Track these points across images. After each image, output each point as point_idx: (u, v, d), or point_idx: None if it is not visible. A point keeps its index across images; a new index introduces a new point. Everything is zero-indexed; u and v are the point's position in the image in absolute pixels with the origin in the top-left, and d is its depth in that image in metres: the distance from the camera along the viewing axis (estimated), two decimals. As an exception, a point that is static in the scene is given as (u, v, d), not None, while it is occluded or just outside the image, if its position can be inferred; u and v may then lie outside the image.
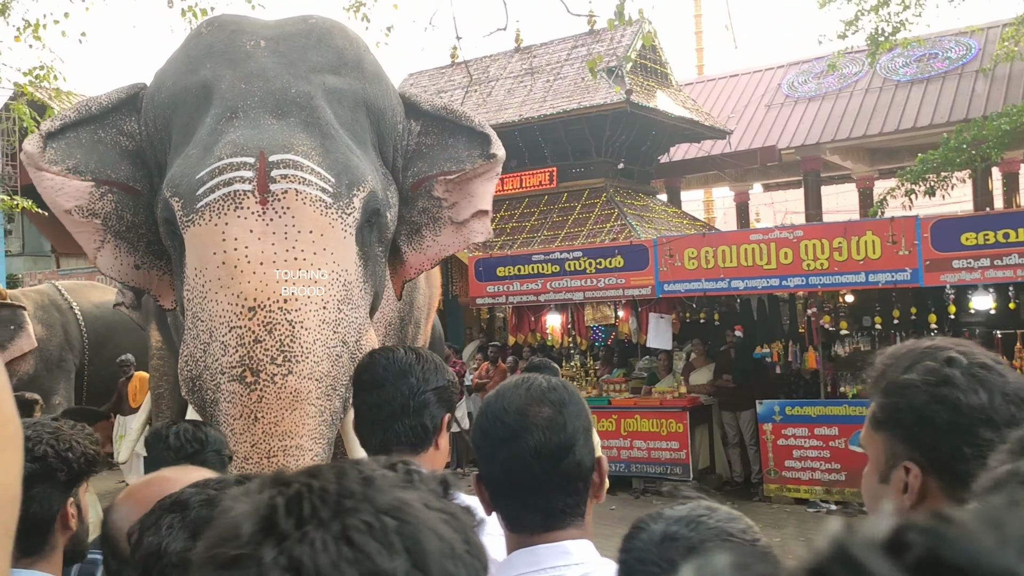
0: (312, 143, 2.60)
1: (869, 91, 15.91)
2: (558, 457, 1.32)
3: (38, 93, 10.75)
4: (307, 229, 2.51)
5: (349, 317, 2.59)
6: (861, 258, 7.92)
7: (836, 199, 20.42)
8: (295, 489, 0.60)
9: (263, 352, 2.43)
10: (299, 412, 2.44)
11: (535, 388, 1.37)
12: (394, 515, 0.59)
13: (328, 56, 2.83)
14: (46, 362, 8.00)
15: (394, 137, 2.98)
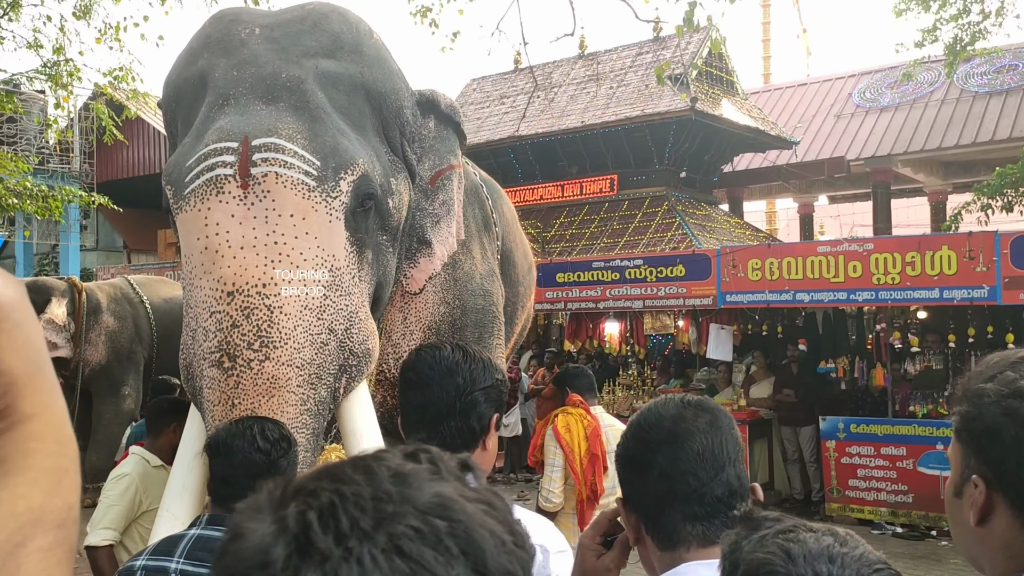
0: (299, 126, 2.54)
1: (945, 102, 15.46)
2: (720, 463, 1.28)
3: (116, 94, 11.11)
4: (288, 213, 2.45)
5: (337, 304, 2.51)
6: (935, 273, 7.66)
7: (907, 213, 19.88)
8: (325, 499, 0.54)
9: (240, 337, 2.37)
10: (277, 399, 2.37)
11: (689, 399, 1.37)
12: (442, 515, 0.54)
13: (323, 40, 2.76)
14: (117, 353, 8.23)
15: (400, 122, 2.92)
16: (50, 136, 16.23)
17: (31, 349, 0.59)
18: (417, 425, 1.70)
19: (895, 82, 16.14)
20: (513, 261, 4.38)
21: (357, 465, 0.57)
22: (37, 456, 0.58)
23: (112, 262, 18.27)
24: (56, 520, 0.57)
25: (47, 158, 17.34)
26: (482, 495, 0.59)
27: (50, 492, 0.57)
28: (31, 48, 10.66)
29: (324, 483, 0.56)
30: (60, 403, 0.61)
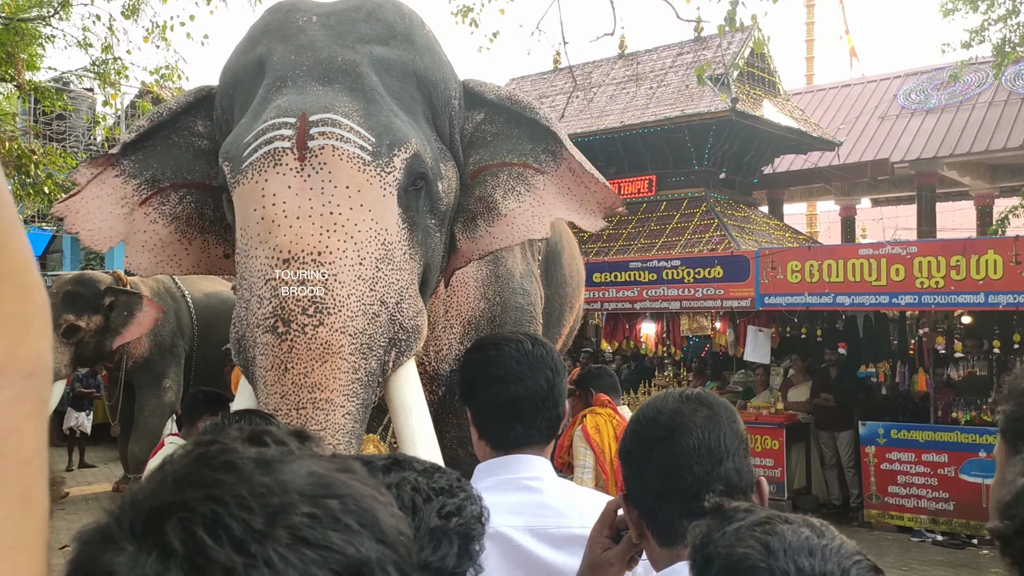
0: (354, 105, 2.59)
1: (993, 104, 15.14)
2: (718, 457, 1.27)
3: (162, 92, 11.32)
4: (343, 184, 2.48)
5: (389, 277, 2.52)
6: (981, 278, 7.51)
7: (952, 216, 19.49)
8: (205, 509, 0.49)
9: (295, 303, 2.38)
10: (330, 365, 2.38)
11: (688, 393, 1.36)
12: (329, 494, 0.52)
13: (377, 28, 2.82)
14: (159, 346, 8.40)
15: (449, 111, 2.94)
16: (98, 133, 16.57)
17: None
18: (508, 419, 1.70)
19: (941, 83, 15.85)
20: (560, 262, 4.37)
21: (215, 465, 0.53)
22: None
23: (156, 257, 18.59)
24: (23, 369, 0.50)
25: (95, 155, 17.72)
26: (337, 462, 0.56)
27: (14, 340, 0.50)
28: (80, 47, 10.91)
29: (190, 493, 0.50)
30: (22, 245, 0.54)
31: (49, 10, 10.65)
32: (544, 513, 1.64)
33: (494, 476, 1.66)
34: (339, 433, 2.36)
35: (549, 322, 4.17)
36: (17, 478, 0.47)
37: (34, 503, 0.48)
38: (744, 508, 0.98)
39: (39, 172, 9.92)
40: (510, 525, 1.60)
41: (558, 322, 4.39)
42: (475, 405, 1.77)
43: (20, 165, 9.94)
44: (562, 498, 1.67)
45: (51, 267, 19.83)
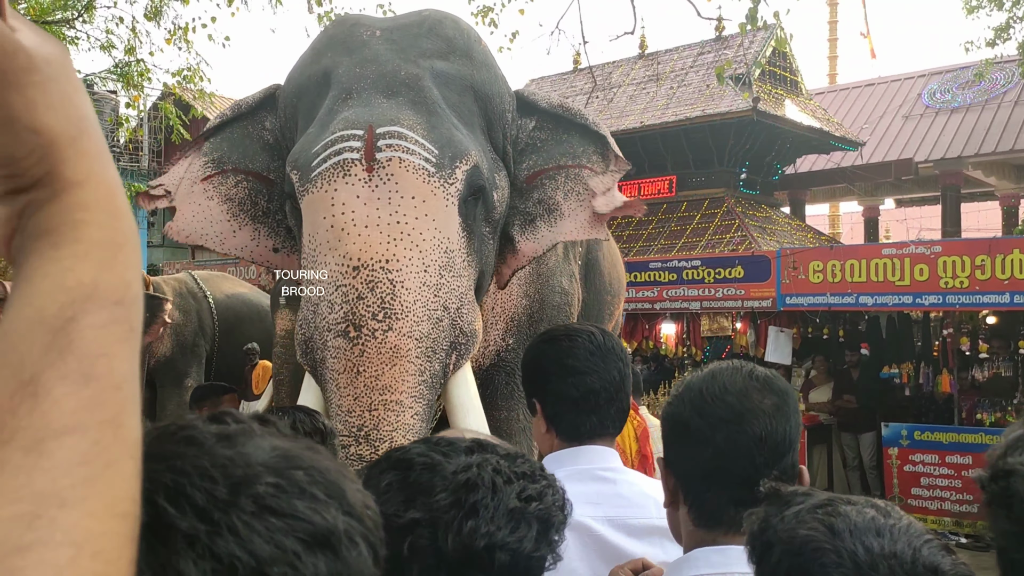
0: (418, 118, 2.71)
1: (1019, 103, 14.94)
2: (782, 451, 1.22)
3: (184, 94, 11.40)
4: (409, 195, 2.60)
5: (451, 284, 2.65)
6: (1006, 278, 7.41)
7: (977, 217, 19.26)
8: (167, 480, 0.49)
9: (365, 308, 2.51)
10: (399, 368, 2.51)
11: (758, 373, 1.29)
12: (294, 466, 0.51)
13: (437, 43, 2.95)
14: (181, 346, 8.47)
15: (503, 124, 3.05)
16: (121, 135, 16.74)
17: (71, 107, 0.52)
18: (583, 411, 1.70)
19: (966, 82, 15.67)
20: (599, 269, 4.40)
21: (175, 439, 0.53)
22: (86, 227, 0.51)
23: (177, 258, 18.77)
24: (112, 296, 0.50)
25: (118, 156, 17.92)
26: (303, 441, 0.57)
27: (103, 266, 0.51)
28: (104, 49, 11.01)
29: (151, 465, 0.50)
30: (111, 172, 0.54)
31: (73, 13, 10.77)
32: (621, 503, 1.64)
33: (566, 467, 1.64)
34: (409, 433, 2.47)
35: None
36: (107, 403, 0.47)
37: (125, 428, 0.48)
38: (802, 492, 0.95)
39: (63, 173, 10.03)
40: (589, 515, 1.60)
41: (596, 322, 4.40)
42: (547, 397, 1.74)
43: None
44: (636, 489, 1.66)
45: (75, 268, 20.06)
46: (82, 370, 0.47)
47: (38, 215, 0.51)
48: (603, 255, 4.49)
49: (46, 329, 0.47)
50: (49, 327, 0.47)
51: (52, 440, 0.44)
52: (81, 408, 0.46)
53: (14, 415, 0.44)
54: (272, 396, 6.02)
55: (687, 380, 1.33)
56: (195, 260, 16.86)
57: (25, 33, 0.51)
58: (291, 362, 5.79)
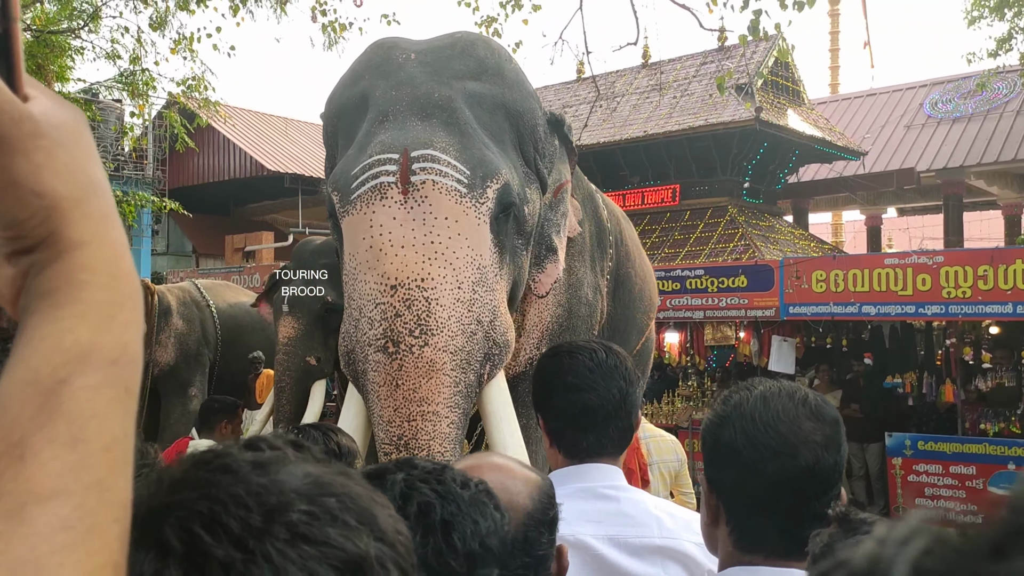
0: (451, 140, 2.82)
1: (1021, 113, 14.96)
2: (832, 483, 1.22)
3: (189, 103, 11.44)
4: (443, 216, 2.72)
5: (484, 298, 2.78)
6: (1009, 287, 7.41)
7: (979, 226, 19.27)
8: (202, 508, 0.50)
9: (403, 325, 2.65)
10: (435, 381, 2.64)
11: (810, 401, 1.27)
12: (326, 493, 0.52)
13: (469, 64, 3.05)
14: (185, 355, 8.48)
15: (534, 139, 3.16)
16: (125, 143, 16.79)
17: (78, 172, 0.53)
18: (582, 428, 1.71)
19: (968, 92, 15.69)
20: (630, 284, 4.46)
21: (211, 467, 0.54)
22: (87, 289, 0.52)
23: (181, 266, 18.80)
24: (107, 357, 0.51)
25: (122, 165, 17.95)
26: (335, 467, 0.57)
27: (100, 328, 0.51)
28: (109, 58, 11.06)
29: (186, 494, 0.51)
30: (116, 234, 0.55)
31: (79, 23, 10.82)
32: (623, 522, 1.64)
33: (571, 484, 1.65)
34: (445, 441, 2.62)
35: (613, 338, 4.22)
36: (94, 465, 0.48)
37: (112, 491, 0.48)
38: (871, 519, 0.96)
39: (68, 182, 10.05)
40: (590, 533, 1.61)
41: (623, 342, 4.39)
42: (548, 412, 1.77)
43: (50, 175, 10.09)
44: (639, 507, 1.66)
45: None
46: (71, 432, 0.47)
47: (41, 275, 0.52)
48: (635, 271, 4.54)
49: (38, 390, 0.48)
50: (42, 388, 0.48)
51: (35, 505, 0.44)
52: (67, 471, 0.46)
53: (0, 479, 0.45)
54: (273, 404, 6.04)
55: (735, 401, 1.30)
56: (199, 268, 16.89)
57: (39, 100, 0.53)
58: (293, 370, 5.83)
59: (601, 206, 4.15)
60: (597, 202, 4.11)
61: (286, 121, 20.68)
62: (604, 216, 4.13)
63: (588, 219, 3.88)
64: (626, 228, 4.60)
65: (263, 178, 18.21)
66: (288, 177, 17.77)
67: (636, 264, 4.58)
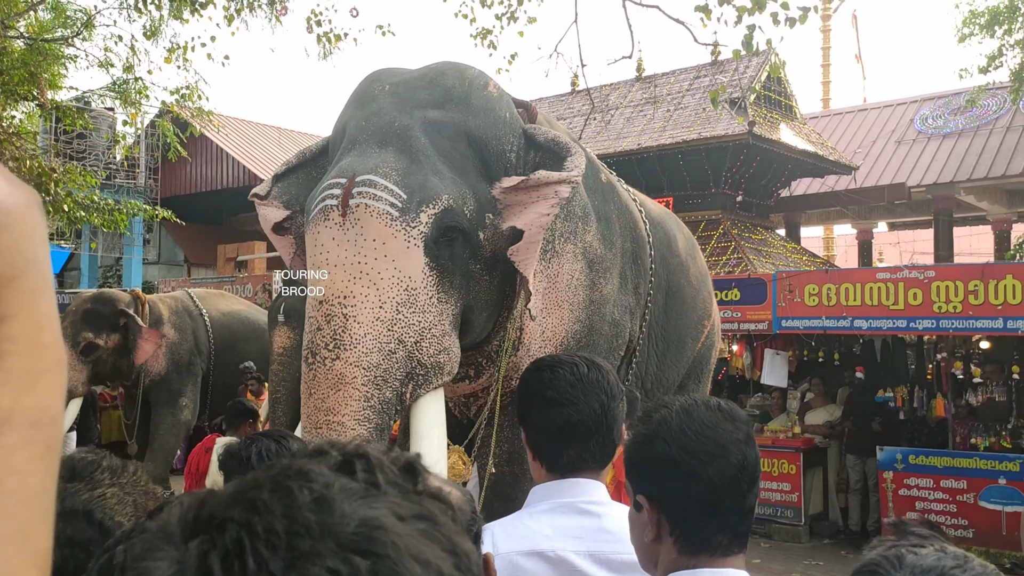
0: (398, 166, 2.92)
1: (1011, 129, 15.09)
2: (757, 474, 1.34)
3: (182, 112, 11.43)
4: (371, 238, 2.84)
5: (409, 319, 2.85)
6: (999, 303, 7.45)
7: (969, 241, 19.38)
8: (232, 535, 0.48)
9: (320, 338, 2.82)
10: (343, 393, 2.75)
11: (722, 406, 1.38)
12: (366, 550, 0.48)
13: (435, 93, 3.15)
14: (176, 364, 8.44)
15: (504, 164, 3.17)
16: (117, 152, 16.76)
17: (16, 252, 0.58)
18: (562, 442, 1.72)
19: (958, 108, 15.82)
20: (682, 295, 4.47)
21: (278, 486, 0.51)
22: (8, 358, 0.56)
23: (173, 275, 18.75)
24: (28, 419, 0.55)
25: (114, 173, 17.91)
26: (423, 509, 0.53)
27: (22, 392, 0.56)
28: (102, 66, 11.04)
29: (235, 513, 0.49)
30: (45, 308, 0.59)
31: (72, 31, 10.81)
32: (604, 538, 1.65)
33: (552, 499, 1.68)
34: None
35: (666, 353, 4.39)
36: (15, 516, 0.51)
37: (32, 539, 0.51)
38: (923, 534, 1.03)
39: (59, 190, 10.01)
40: (571, 549, 1.62)
41: (677, 351, 4.52)
42: (529, 427, 1.78)
43: (40, 184, 10.05)
44: (621, 523, 1.64)
45: (69, 284, 20.00)
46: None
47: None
48: (688, 281, 4.57)
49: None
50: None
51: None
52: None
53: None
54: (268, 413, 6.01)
55: (658, 418, 1.38)
56: (191, 278, 16.83)
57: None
58: (288, 380, 5.81)
59: (639, 222, 4.09)
60: (634, 218, 4.04)
61: (280, 131, 20.68)
62: (644, 232, 4.08)
63: (622, 236, 3.84)
64: (679, 238, 4.61)
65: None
66: (281, 187, 17.76)
67: (690, 272, 4.62)
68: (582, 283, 3.52)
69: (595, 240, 3.59)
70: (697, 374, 5.01)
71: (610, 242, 3.70)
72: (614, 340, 3.76)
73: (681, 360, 4.64)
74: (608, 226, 3.71)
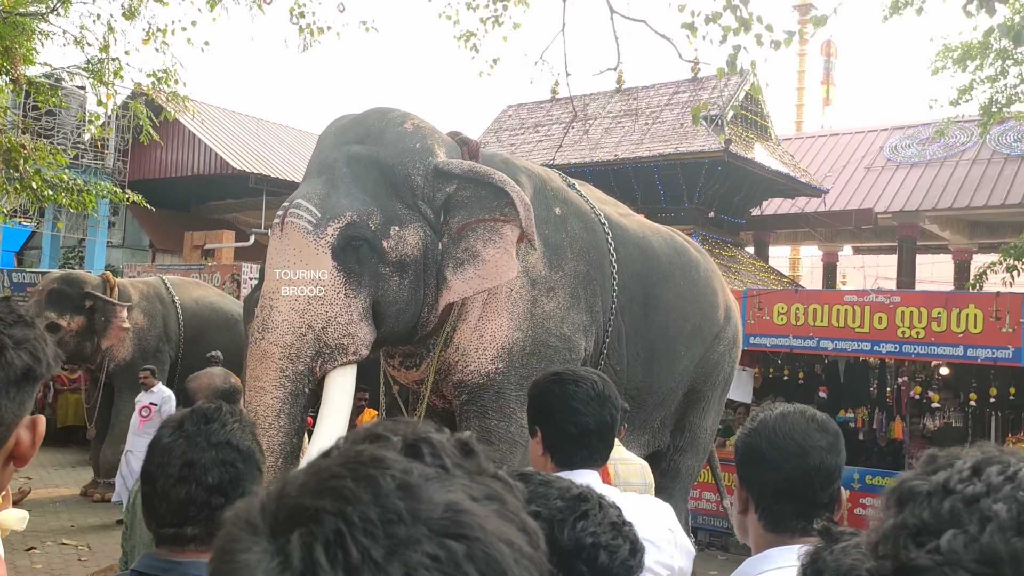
0: (321, 192, 3.76)
1: (976, 162, 15.46)
2: (833, 478, 1.64)
3: (157, 95, 11.27)
4: (292, 247, 3.70)
5: (317, 309, 3.65)
6: (961, 331, 7.64)
7: (930, 269, 19.80)
8: (330, 527, 0.49)
9: (256, 324, 3.67)
10: (264, 365, 3.61)
11: (817, 417, 1.69)
12: (458, 534, 0.49)
13: (358, 131, 3.98)
14: (143, 350, 8.31)
15: (410, 187, 3.90)
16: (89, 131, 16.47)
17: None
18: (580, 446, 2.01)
19: (927, 139, 16.17)
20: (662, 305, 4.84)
21: (359, 475, 0.52)
22: None
23: (137, 260, 18.46)
24: None
25: (82, 153, 17.58)
26: (491, 490, 0.55)
27: None
28: (77, 44, 10.85)
29: (326, 503, 0.50)
30: None
31: (48, 6, 10.60)
32: None
33: None
34: (268, 410, 3.57)
35: (652, 361, 4.76)
36: None
37: None
38: (849, 531, 1.14)
39: (27, 167, 9.82)
40: None
41: (667, 359, 4.86)
42: (550, 428, 2.04)
43: (9, 159, 9.85)
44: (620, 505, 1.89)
45: (29, 263, 19.59)
46: None
47: None
48: (674, 293, 4.92)
49: None
50: None
51: None
52: None
53: None
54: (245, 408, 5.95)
55: (761, 418, 1.72)
56: (156, 264, 16.59)
57: None
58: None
59: (602, 246, 4.55)
60: (592, 244, 4.49)
61: (257, 121, 20.46)
62: (607, 254, 4.54)
63: (574, 261, 4.35)
64: (662, 255, 4.95)
65: (228, 176, 17.98)
66: (253, 177, 17.57)
67: (677, 284, 4.96)
68: (523, 297, 4.11)
69: (538, 262, 4.18)
70: (712, 380, 5.35)
71: (557, 265, 4.25)
72: (567, 354, 4.22)
73: (674, 368, 4.93)
74: (556, 252, 4.27)
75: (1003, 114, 12.31)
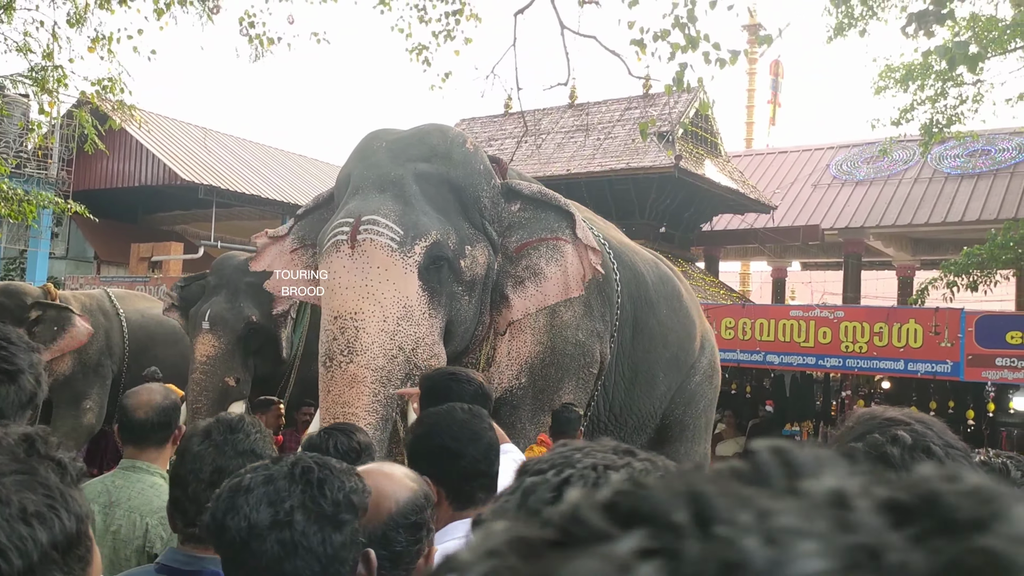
0: (395, 208, 3.62)
1: (918, 180, 15.87)
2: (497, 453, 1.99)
3: (102, 104, 11.03)
4: (376, 266, 3.52)
5: (407, 330, 3.51)
6: (902, 345, 7.81)
7: (875, 284, 20.22)
8: None
9: (336, 347, 3.46)
10: (355, 390, 3.40)
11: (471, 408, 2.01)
12: None
13: (423, 149, 3.88)
14: (83, 365, 8.04)
15: (479, 207, 3.88)
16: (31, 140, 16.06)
17: None
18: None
19: (871, 157, 16.57)
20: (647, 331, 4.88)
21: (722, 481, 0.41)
22: None
23: (81, 272, 18.01)
24: None
25: (24, 162, 17.14)
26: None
27: None
28: (20, 51, 10.58)
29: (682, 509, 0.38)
30: None
31: (-9, 12, 10.33)
32: None
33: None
34: None
35: (635, 382, 4.79)
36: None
37: None
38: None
39: (-34, 176, 9.53)
40: None
41: (647, 383, 4.89)
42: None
43: (-53, 168, 9.55)
44: None
45: (-32, 275, 19.01)
46: None
47: None
48: (657, 320, 4.96)
49: None
50: None
51: None
52: None
53: None
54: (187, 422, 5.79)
55: (428, 421, 1.98)
56: (100, 276, 16.21)
57: None
58: (210, 390, 5.68)
59: (607, 262, 4.61)
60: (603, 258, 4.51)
61: (205, 131, 20.15)
62: (612, 270, 4.60)
63: None
64: (649, 280, 5.00)
65: (175, 187, 17.65)
66: (203, 188, 17.27)
67: (660, 311, 5.02)
68: (543, 311, 4.09)
69: None
70: (694, 410, 5.35)
71: None
72: (582, 359, 4.28)
73: (653, 392, 4.99)
74: None
75: (943, 134, 12.65)
